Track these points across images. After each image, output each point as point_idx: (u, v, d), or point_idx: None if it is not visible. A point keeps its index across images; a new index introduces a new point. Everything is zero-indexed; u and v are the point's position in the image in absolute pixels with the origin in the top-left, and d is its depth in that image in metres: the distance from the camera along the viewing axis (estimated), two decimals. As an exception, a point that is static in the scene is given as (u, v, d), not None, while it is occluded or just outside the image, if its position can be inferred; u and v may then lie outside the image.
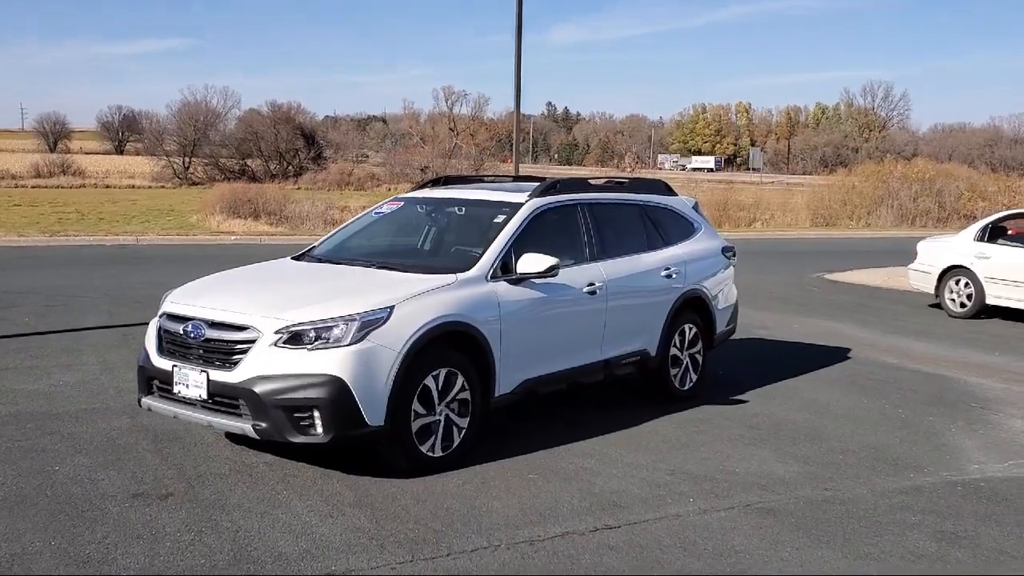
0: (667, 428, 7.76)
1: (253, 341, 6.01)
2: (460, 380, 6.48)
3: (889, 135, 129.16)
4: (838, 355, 11.21)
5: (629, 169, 76.54)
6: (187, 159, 59.62)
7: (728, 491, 6.28)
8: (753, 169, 76.64)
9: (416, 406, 6.23)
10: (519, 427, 7.55)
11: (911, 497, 6.31)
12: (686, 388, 8.74)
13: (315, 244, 8.10)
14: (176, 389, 6.28)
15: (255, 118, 65.46)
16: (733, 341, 10.17)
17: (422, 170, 58.59)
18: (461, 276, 6.70)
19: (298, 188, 49.34)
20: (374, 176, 62.46)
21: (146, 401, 6.55)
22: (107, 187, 52.27)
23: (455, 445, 6.49)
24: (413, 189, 8.87)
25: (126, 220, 29.57)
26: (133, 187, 53.26)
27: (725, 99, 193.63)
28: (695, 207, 9.49)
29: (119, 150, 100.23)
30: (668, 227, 8.84)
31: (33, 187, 49.40)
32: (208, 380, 6.08)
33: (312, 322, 6.00)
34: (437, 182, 8.84)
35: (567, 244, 7.65)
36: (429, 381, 6.29)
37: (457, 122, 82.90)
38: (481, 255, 6.93)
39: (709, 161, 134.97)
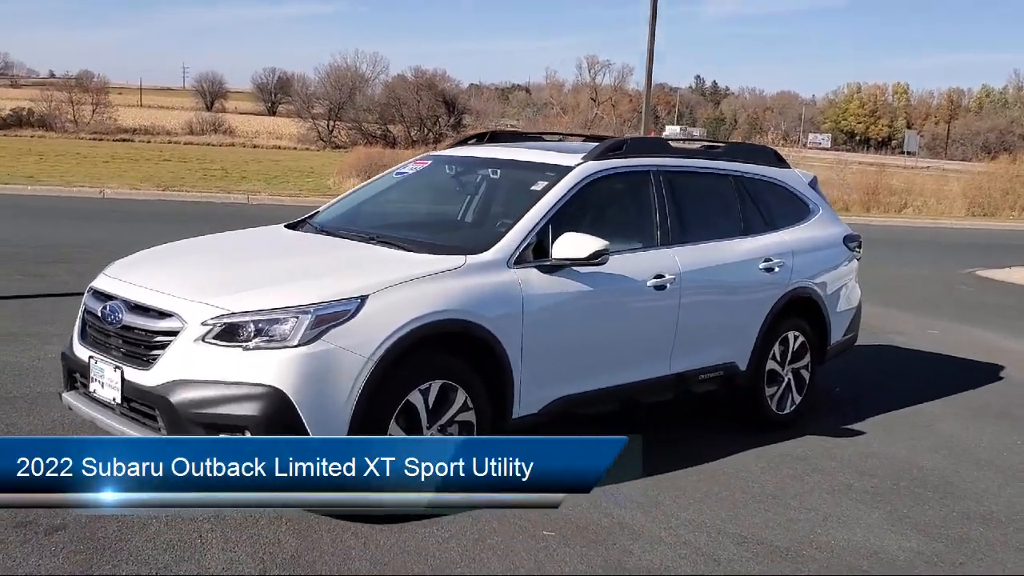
0: (752, 468, 5.98)
1: (175, 333, 4.54)
2: (461, 396, 4.88)
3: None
4: (987, 374, 9.14)
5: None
6: (332, 122, 59.63)
7: (814, 577, 4.53)
8: (908, 153, 72.01)
9: (395, 430, 4.66)
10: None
11: (1081, 607, 4.44)
12: (785, 412, 6.89)
13: (319, 209, 6.57)
14: (92, 387, 4.88)
15: (399, 84, 64.94)
16: (858, 347, 8.26)
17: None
18: (472, 259, 5.07)
19: (435, 154, 48.84)
20: (512, 145, 61.31)
21: (67, 398, 5.14)
22: (254, 147, 52.93)
23: None
24: (452, 145, 7.22)
25: (267, 180, 29.07)
26: (279, 148, 53.73)
27: (882, 79, 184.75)
28: (812, 183, 7.58)
29: (271, 111, 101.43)
30: (773, 207, 6.99)
31: (185, 144, 50.42)
32: (122, 379, 4.65)
33: (251, 312, 4.47)
34: (482, 138, 7.13)
35: (631, 223, 5.98)
36: (415, 397, 4.71)
37: (600, 93, 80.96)
38: (505, 232, 5.29)
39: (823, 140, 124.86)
